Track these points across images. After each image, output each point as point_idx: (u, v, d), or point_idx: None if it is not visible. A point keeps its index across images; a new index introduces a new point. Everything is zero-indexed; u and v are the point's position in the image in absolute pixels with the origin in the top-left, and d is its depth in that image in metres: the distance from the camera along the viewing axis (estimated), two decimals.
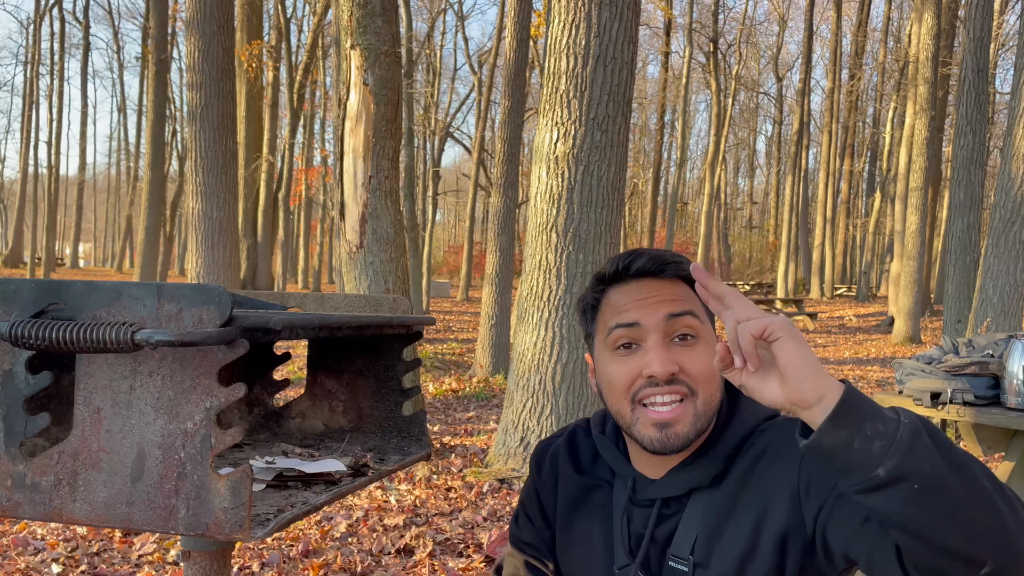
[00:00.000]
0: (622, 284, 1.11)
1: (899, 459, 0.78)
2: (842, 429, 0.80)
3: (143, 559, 3.21)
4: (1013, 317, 6.60)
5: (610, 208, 4.38)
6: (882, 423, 0.79)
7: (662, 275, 1.09)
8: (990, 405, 2.61)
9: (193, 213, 8.22)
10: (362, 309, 1.62)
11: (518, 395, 4.43)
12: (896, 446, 0.78)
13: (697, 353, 1.05)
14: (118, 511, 0.95)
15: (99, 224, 61.77)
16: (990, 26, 10.12)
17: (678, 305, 1.06)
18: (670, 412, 1.04)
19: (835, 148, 30.20)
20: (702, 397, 1.05)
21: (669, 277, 1.09)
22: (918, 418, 0.82)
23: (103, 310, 0.94)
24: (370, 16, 4.92)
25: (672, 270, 1.09)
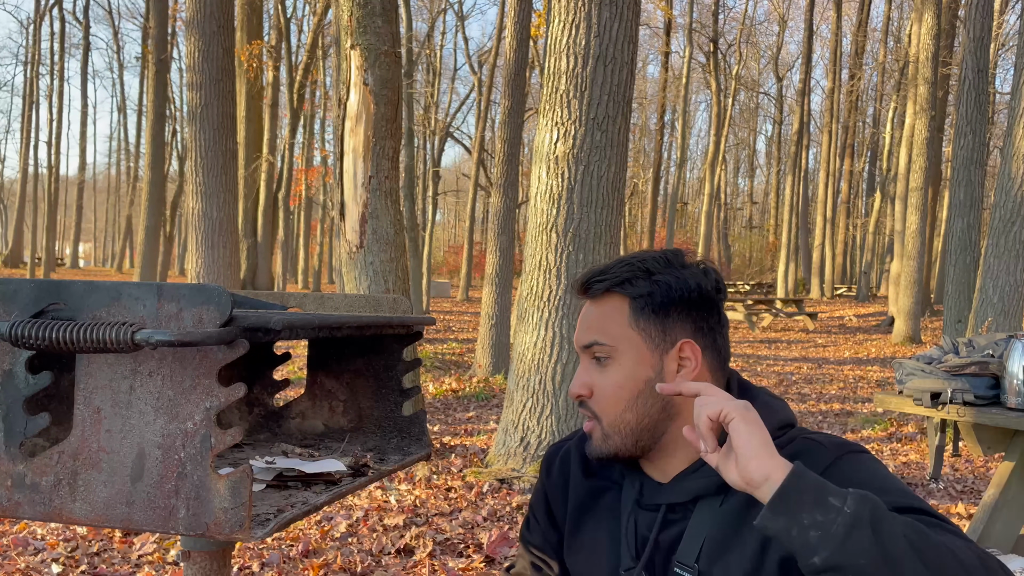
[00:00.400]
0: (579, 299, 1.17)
1: (831, 552, 0.81)
2: (780, 516, 0.84)
3: (143, 559, 3.21)
4: (1013, 317, 6.60)
5: (610, 208, 4.38)
6: (821, 512, 0.82)
7: (588, 294, 1.12)
8: (990, 405, 2.61)
9: (193, 213, 8.22)
10: (362, 309, 1.62)
11: (518, 395, 4.43)
12: (831, 539, 0.81)
13: (606, 377, 1.08)
14: (118, 511, 0.95)
15: (99, 224, 61.78)
16: (990, 26, 10.12)
17: (586, 335, 1.10)
18: (586, 425, 1.13)
19: (835, 148, 30.19)
20: (607, 420, 1.09)
21: (597, 296, 1.11)
22: (866, 507, 0.83)
23: (103, 310, 0.95)
24: (370, 16, 4.92)
25: (597, 288, 1.10)
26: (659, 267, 1.09)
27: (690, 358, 1.08)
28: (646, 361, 1.07)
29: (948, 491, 4.62)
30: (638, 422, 1.08)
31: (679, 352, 1.08)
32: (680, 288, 1.08)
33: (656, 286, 1.08)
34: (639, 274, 1.08)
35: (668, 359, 1.08)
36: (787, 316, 17.76)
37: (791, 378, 9.69)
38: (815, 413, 7.28)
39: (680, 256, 1.12)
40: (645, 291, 1.07)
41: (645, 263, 1.09)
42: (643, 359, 1.07)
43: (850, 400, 8.09)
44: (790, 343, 14.61)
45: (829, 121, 29.36)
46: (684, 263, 1.11)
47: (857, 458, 1.01)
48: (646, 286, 1.08)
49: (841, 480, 0.91)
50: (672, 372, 1.08)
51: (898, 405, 2.84)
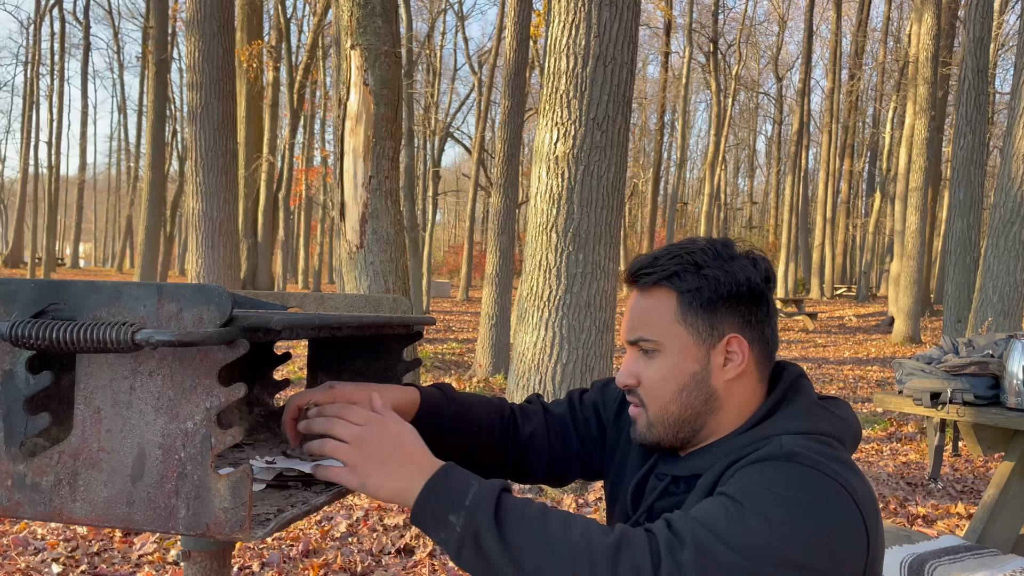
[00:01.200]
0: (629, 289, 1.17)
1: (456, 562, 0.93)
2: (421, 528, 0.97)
3: (143, 559, 3.21)
4: (1013, 317, 6.60)
5: (610, 208, 4.38)
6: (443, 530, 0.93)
7: (638, 284, 1.13)
8: (990, 405, 2.61)
9: (193, 213, 8.23)
10: (362, 309, 1.62)
11: (518, 395, 4.43)
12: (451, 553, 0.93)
13: (652, 368, 1.10)
14: (118, 511, 0.95)
15: (99, 224, 61.79)
16: (990, 26, 10.13)
17: (633, 331, 1.11)
18: (632, 410, 1.15)
19: (835, 148, 30.20)
20: (652, 410, 1.11)
21: (645, 287, 1.12)
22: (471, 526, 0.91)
23: (103, 310, 0.95)
24: (370, 16, 4.92)
25: (646, 281, 1.11)
26: (708, 260, 1.09)
27: (737, 352, 1.08)
28: (692, 355, 1.08)
29: (948, 491, 4.62)
30: (681, 414, 1.10)
31: (726, 347, 1.08)
32: (729, 283, 1.08)
33: (705, 280, 1.07)
34: (688, 267, 1.08)
35: (715, 353, 1.08)
36: (787, 316, 17.77)
37: None
38: None
39: (730, 247, 1.11)
40: (694, 286, 1.07)
41: (694, 255, 1.09)
42: (689, 353, 1.08)
43: (850, 400, 8.09)
44: (790, 343, 14.62)
45: (829, 121, 29.37)
46: (733, 254, 1.10)
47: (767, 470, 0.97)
48: (695, 280, 1.08)
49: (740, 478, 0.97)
50: (719, 366, 1.09)
51: (898, 405, 2.84)
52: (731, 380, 1.09)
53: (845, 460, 1.00)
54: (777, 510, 0.91)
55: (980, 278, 6.86)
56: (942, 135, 19.35)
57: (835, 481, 0.94)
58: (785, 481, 0.94)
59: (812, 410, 1.08)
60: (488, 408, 1.35)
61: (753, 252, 1.13)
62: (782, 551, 0.89)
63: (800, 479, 0.94)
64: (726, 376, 1.09)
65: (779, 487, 0.94)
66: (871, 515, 0.96)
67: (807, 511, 0.91)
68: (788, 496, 0.92)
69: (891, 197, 22.94)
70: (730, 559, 0.88)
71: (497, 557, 0.90)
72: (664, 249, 1.13)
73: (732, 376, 1.09)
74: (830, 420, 1.08)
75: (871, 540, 0.95)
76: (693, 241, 1.12)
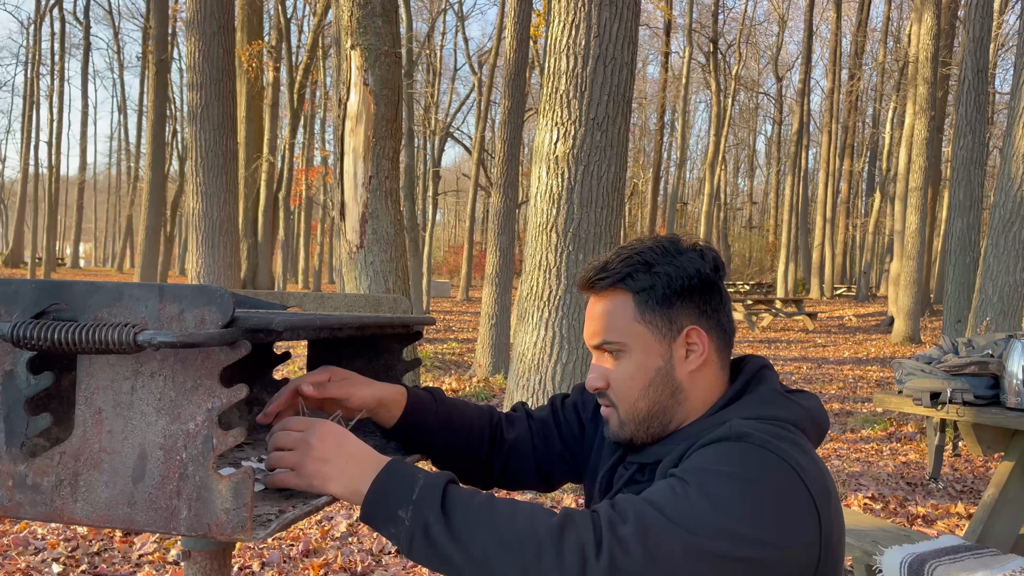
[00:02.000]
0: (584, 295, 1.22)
1: (408, 554, 0.97)
2: (371, 525, 1.00)
3: (143, 559, 3.21)
4: (1013, 317, 6.60)
5: (610, 208, 4.38)
6: (393, 525, 0.96)
7: (593, 290, 1.16)
8: (990, 405, 2.61)
9: (193, 213, 8.23)
10: (362, 309, 1.62)
11: (518, 395, 4.43)
12: (402, 547, 0.96)
13: (619, 369, 1.14)
14: (119, 512, 0.95)
15: (100, 224, 61.79)
16: (990, 26, 10.13)
17: (595, 336, 1.15)
18: (604, 410, 1.18)
19: (835, 148, 30.20)
20: (622, 408, 1.15)
21: (600, 292, 1.15)
22: (420, 519, 0.95)
23: (104, 311, 0.95)
24: (370, 16, 4.92)
25: (600, 286, 1.14)
26: (657, 258, 1.12)
27: (697, 343, 1.12)
28: (655, 351, 1.12)
29: (948, 491, 4.62)
30: (649, 409, 1.13)
31: (686, 339, 1.12)
32: (680, 277, 1.11)
33: (657, 278, 1.11)
34: (639, 267, 1.12)
35: (676, 346, 1.12)
36: (787, 316, 17.77)
37: (791, 378, 9.69)
38: None
39: (676, 242, 1.15)
40: (647, 284, 1.11)
41: (643, 255, 1.12)
42: (652, 350, 1.12)
43: (850, 400, 8.09)
44: (790, 343, 14.62)
45: (829, 121, 29.37)
46: (681, 249, 1.14)
47: (715, 449, 1.00)
48: (647, 279, 1.11)
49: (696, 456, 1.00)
50: (681, 358, 1.12)
51: (898, 405, 2.84)
52: (694, 371, 1.13)
53: (798, 443, 1.02)
54: (721, 485, 0.94)
55: (980, 278, 6.86)
56: (942, 135, 19.35)
57: (782, 459, 0.97)
58: (733, 459, 0.97)
59: (772, 398, 1.10)
60: (476, 414, 1.37)
61: (699, 244, 1.16)
62: (725, 524, 0.91)
63: (747, 457, 0.97)
64: (689, 367, 1.12)
65: (726, 464, 0.96)
66: (822, 496, 0.97)
67: (751, 486, 0.94)
68: (734, 472, 0.95)
69: (891, 197, 22.94)
70: (672, 532, 0.90)
71: (447, 547, 0.93)
72: (614, 252, 1.16)
73: (695, 367, 1.12)
74: (790, 408, 1.10)
75: (823, 520, 0.96)
76: (640, 241, 1.16)
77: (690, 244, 1.15)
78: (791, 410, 1.09)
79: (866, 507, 4.18)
